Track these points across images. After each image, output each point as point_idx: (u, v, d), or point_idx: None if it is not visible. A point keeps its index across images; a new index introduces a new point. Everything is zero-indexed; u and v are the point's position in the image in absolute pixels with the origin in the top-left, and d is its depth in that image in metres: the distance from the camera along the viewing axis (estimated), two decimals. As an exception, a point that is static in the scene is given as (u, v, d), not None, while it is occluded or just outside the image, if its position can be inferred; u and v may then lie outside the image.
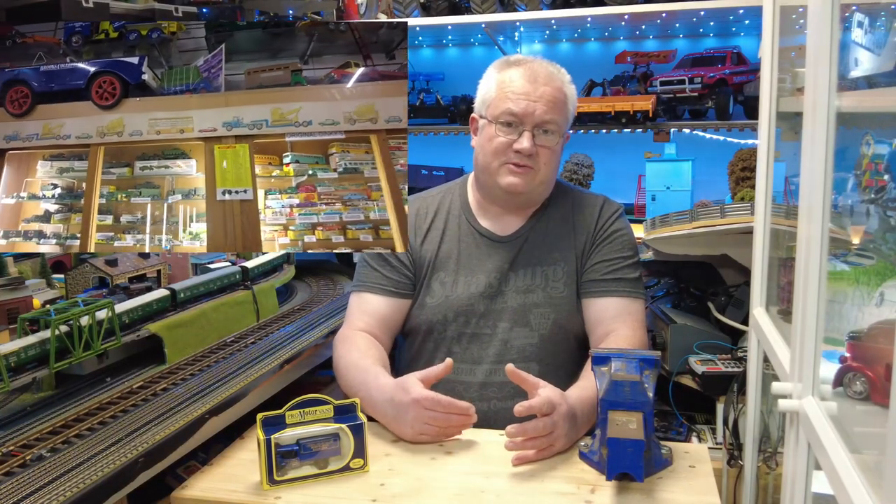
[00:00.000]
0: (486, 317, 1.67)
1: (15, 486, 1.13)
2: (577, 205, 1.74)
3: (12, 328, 1.67)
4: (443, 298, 1.69)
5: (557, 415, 1.34)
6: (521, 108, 1.58)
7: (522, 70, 1.62)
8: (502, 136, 1.60)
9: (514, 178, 1.62)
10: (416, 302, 1.72)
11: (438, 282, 1.71)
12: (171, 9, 2.14)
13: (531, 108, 1.58)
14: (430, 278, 1.71)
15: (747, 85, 2.42)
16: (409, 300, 1.73)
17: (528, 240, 1.71)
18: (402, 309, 1.73)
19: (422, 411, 1.40)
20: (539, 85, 1.60)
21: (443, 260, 1.72)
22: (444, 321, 1.69)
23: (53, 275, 2.11)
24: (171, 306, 1.89)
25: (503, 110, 1.60)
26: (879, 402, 0.91)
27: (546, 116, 1.59)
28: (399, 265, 1.72)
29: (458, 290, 1.69)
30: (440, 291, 1.70)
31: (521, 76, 1.61)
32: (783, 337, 1.30)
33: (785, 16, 1.49)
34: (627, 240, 1.72)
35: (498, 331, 1.66)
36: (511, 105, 1.59)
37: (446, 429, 1.43)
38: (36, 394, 1.50)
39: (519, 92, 1.60)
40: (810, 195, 1.01)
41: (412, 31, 2.76)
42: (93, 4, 1.86)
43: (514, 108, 1.59)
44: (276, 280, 2.30)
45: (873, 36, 1.13)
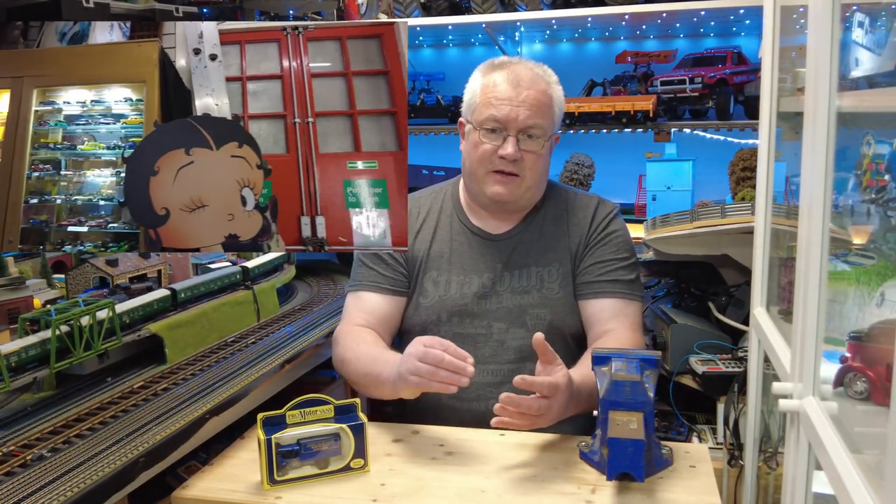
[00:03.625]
0: (480, 317, 1.66)
1: (15, 486, 1.13)
2: (571, 206, 1.73)
3: (13, 328, 1.67)
4: (436, 299, 1.68)
5: (555, 400, 1.34)
6: (504, 113, 1.56)
7: (506, 74, 1.60)
8: (487, 142, 1.59)
9: (499, 187, 1.61)
10: (411, 302, 1.72)
11: (431, 281, 1.70)
12: (171, 9, 2.14)
13: (514, 114, 1.56)
14: (423, 277, 1.71)
15: (748, 85, 2.42)
16: (406, 298, 1.73)
17: (521, 240, 1.70)
18: (400, 307, 1.72)
19: (420, 347, 1.36)
20: (522, 89, 1.58)
21: (434, 258, 1.71)
22: (437, 322, 1.68)
23: (54, 275, 2.11)
24: (172, 306, 1.89)
25: (486, 116, 1.58)
26: (880, 402, 0.91)
27: (530, 121, 1.57)
28: (394, 263, 1.71)
29: (451, 290, 1.68)
30: (433, 291, 1.69)
31: (505, 80, 1.59)
32: (784, 337, 1.30)
33: (785, 16, 1.49)
34: (623, 241, 1.70)
35: (493, 331, 1.66)
36: (494, 111, 1.57)
37: (439, 371, 1.33)
38: (36, 394, 1.50)
39: (502, 97, 1.58)
40: (811, 195, 1.01)
41: (412, 31, 2.76)
42: (93, 4, 1.87)
43: (496, 113, 1.57)
44: (276, 280, 2.30)
45: (874, 36, 1.13)
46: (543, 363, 1.38)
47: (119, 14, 2.04)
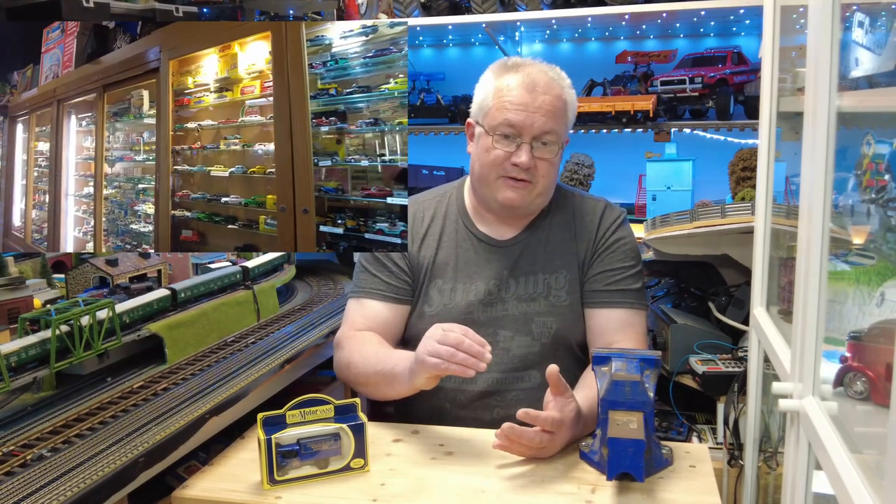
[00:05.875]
0: (486, 325, 1.62)
1: (15, 485, 1.13)
2: (578, 210, 1.69)
3: (13, 328, 1.67)
4: (441, 307, 1.65)
5: (558, 435, 1.33)
6: (520, 119, 1.52)
7: (521, 77, 1.55)
8: (499, 148, 1.54)
9: (511, 192, 1.56)
10: (415, 311, 1.68)
11: (436, 290, 1.66)
12: (171, 8, 2.14)
13: (530, 120, 1.52)
14: (428, 286, 1.67)
15: (748, 85, 2.42)
16: (409, 306, 1.69)
17: (528, 246, 1.66)
18: (403, 315, 1.69)
19: (438, 330, 1.35)
20: (538, 94, 1.53)
21: (440, 266, 1.67)
22: None
23: (54, 274, 2.11)
24: (172, 306, 1.89)
25: (501, 121, 1.53)
26: (880, 402, 0.91)
27: (546, 127, 1.52)
28: (398, 270, 1.68)
29: (456, 298, 1.64)
30: (438, 300, 1.66)
31: (520, 84, 1.54)
32: (784, 337, 1.30)
33: (785, 16, 1.49)
34: (629, 248, 1.66)
35: (499, 339, 1.62)
36: (509, 116, 1.52)
37: (457, 353, 1.32)
38: (36, 393, 1.50)
39: (517, 102, 1.52)
40: (811, 195, 1.01)
41: (412, 31, 2.76)
42: (93, 4, 1.87)
43: (511, 119, 1.52)
44: (276, 280, 2.30)
45: (874, 36, 1.13)
46: (555, 395, 1.35)
47: (119, 14, 2.04)
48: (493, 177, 1.58)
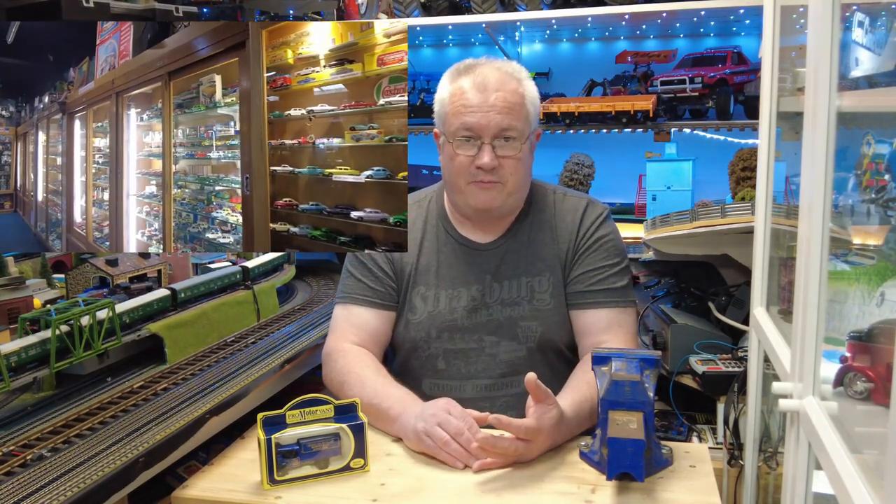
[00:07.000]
0: (470, 331, 1.61)
1: (15, 485, 1.13)
2: (559, 210, 1.67)
3: (13, 328, 1.67)
4: (425, 315, 1.63)
5: (535, 443, 1.32)
6: (475, 121, 1.49)
7: (472, 78, 1.53)
8: (462, 153, 1.52)
9: (483, 195, 1.54)
10: (401, 318, 1.66)
11: (419, 297, 1.64)
12: (171, 8, 2.14)
13: (485, 120, 1.49)
14: (411, 292, 1.65)
15: (748, 85, 2.42)
16: (395, 312, 1.67)
17: (509, 249, 1.64)
18: (390, 321, 1.67)
19: (444, 414, 1.36)
20: (490, 92, 1.50)
21: (422, 272, 1.65)
22: (427, 338, 1.63)
23: (54, 275, 2.11)
24: (172, 306, 1.89)
25: (458, 126, 1.51)
26: (880, 402, 0.91)
27: (503, 124, 1.50)
28: (383, 276, 1.66)
29: (440, 305, 1.63)
30: (422, 307, 1.64)
31: (472, 86, 1.52)
32: (784, 337, 1.30)
33: (785, 16, 1.49)
34: (613, 246, 1.64)
35: (485, 345, 1.61)
36: (465, 119, 1.50)
37: (451, 443, 1.34)
38: (36, 393, 1.50)
39: (470, 104, 1.50)
40: (811, 195, 1.01)
41: (412, 31, 2.76)
42: (93, 4, 1.87)
43: (468, 121, 1.50)
44: (276, 280, 2.30)
45: (874, 36, 1.13)
46: (536, 402, 1.34)
47: (119, 14, 2.03)
48: (463, 183, 1.56)
